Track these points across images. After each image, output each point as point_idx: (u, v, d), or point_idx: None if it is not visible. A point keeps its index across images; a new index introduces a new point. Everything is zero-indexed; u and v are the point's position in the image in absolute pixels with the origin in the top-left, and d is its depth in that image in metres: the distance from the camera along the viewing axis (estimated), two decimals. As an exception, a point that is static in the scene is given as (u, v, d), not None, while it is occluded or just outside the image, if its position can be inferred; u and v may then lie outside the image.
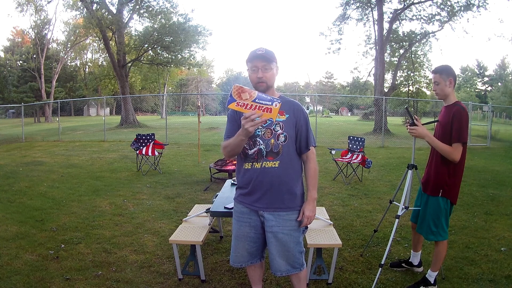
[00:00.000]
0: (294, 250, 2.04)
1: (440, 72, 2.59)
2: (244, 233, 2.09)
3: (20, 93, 37.37)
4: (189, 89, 54.66)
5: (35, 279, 2.82)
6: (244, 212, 2.07)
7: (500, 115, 33.97)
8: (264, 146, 1.97)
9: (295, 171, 2.04)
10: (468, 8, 17.35)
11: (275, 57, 2.01)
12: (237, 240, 2.12)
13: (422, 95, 25.39)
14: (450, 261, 3.16)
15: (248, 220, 2.06)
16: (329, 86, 68.92)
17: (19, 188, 5.89)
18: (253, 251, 2.12)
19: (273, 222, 2.00)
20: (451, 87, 2.58)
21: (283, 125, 1.98)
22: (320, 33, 22.84)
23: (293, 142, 2.01)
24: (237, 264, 2.15)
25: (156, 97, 46.80)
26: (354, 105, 47.56)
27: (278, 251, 2.03)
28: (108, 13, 21.30)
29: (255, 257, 2.15)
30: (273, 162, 1.97)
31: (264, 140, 1.97)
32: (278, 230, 2.00)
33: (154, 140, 7.75)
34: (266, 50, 1.97)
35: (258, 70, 1.95)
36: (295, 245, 2.04)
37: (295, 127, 2.01)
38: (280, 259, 2.04)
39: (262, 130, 1.98)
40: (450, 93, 2.60)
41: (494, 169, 8.05)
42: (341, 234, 3.74)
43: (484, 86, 61.26)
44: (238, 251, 2.12)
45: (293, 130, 2.00)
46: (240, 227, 2.09)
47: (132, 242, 3.59)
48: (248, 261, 2.14)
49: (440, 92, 2.61)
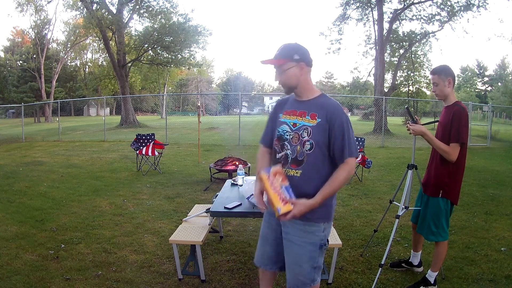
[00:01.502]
0: (306, 265, 1.83)
1: (439, 73, 2.57)
2: (264, 234, 2.02)
3: (20, 93, 37.36)
4: (189, 89, 54.63)
5: (35, 279, 2.82)
6: (270, 213, 1.95)
7: (500, 115, 33.97)
8: (291, 152, 1.80)
9: (321, 182, 1.77)
10: (468, 8, 17.36)
11: (289, 54, 1.77)
12: (260, 240, 2.06)
13: (422, 95, 25.43)
14: (450, 261, 3.16)
15: (268, 221, 1.99)
16: (329, 86, 68.92)
17: (19, 188, 5.89)
18: (272, 256, 1.98)
19: (289, 229, 1.85)
20: (451, 87, 2.57)
21: (311, 131, 1.76)
22: (320, 33, 22.85)
23: (322, 151, 1.76)
24: (257, 264, 2.07)
25: (156, 97, 46.76)
26: (354, 105, 47.49)
27: (290, 262, 1.87)
28: (108, 13, 21.30)
29: (274, 264, 1.99)
30: (295, 170, 1.79)
31: (291, 146, 1.80)
32: (292, 239, 1.84)
33: (154, 140, 7.74)
34: (281, 49, 1.79)
35: (276, 73, 1.83)
36: (308, 259, 1.83)
37: (327, 134, 1.75)
38: (291, 271, 1.88)
39: (291, 134, 1.81)
40: (450, 93, 2.59)
41: (494, 169, 8.05)
42: (341, 234, 3.74)
43: (484, 86, 61.25)
44: (260, 251, 2.05)
45: (324, 137, 1.75)
46: (264, 228, 2.02)
47: (132, 242, 3.59)
48: (267, 265, 2.02)
49: (440, 93, 2.60)
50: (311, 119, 1.77)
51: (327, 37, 21.61)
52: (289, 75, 1.79)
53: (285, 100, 1.95)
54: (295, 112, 1.84)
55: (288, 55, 1.77)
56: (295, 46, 1.80)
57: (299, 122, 1.81)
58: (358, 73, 24.65)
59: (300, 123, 1.80)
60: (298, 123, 1.81)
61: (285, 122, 1.86)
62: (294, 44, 1.81)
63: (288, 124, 1.85)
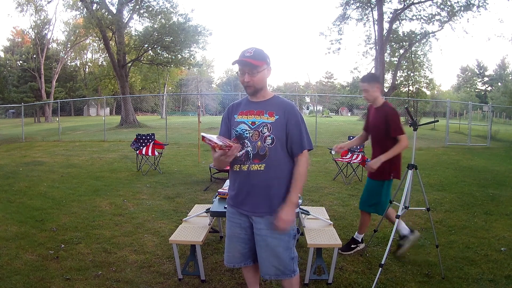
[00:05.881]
0: (284, 256, 1.96)
1: (368, 81, 3.08)
2: (235, 234, 2.05)
3: (20, 93, 37.38)
4: (189, 89, 54.66)
5: (35, 279, 2.82)
6: (235, 213, 2.04)
7: (500, 115, 33.98)
8: (251, 148, 1.91)
9: (284, 175, 1.95)
10: (468, 8, 17.38)
11: (265, 57, 1.91)
12: (229, 240, 2.09)
13: (422, 95, 25.48)
14: (450, 261, 3.16)
15: (238, 221, 2.03)
16: (329, 86, 68.96)
17: (19, 188, 5.89)
18: (245, 252, 2.07)
19: (262, 225, 1.95)
20: (378, 92, 3.09)
21: (270, 127, 1.91)
22: (320, 33, 22.92)
23: (282, 145, 1.92)
24: (230, 265, 2.12)
25: (156, 97, 46.79)
26: (354, 105, 47.49)
27: (267, 255, 1.96)
28: (108, 13, 21.31)
29: (248, 258, 2.09)
30: (259, 165, 1.90)
31: (252, 142, 1.91)
32: (267, 233, 1.94)
33: (154, 140, 7.75)
34: (255, 52, 1.89)
35: (245, 73, 1.89)
36: (284, 250, 1.96)
37: (285, 129, 1.92)
38: (270, 263, 1.97)
39: (250, 132, 1.93)
40: (378, 96, 3.10)
41: (494, 169, 8.05)
42: (341, 234, 3.73)
43: (484, 86, 61.31)
44: (230, 251, 2.09)
45: (282, 132, 1.91)
46: (231, 227, 2.06)
47: (132, 242, 3.59)
48: (241, 262, 2.09)
49: (370, 97, 3.11)
50: (270, 117, 1.93)
51: (327, 37, 21.71)
52: (262, 77, 1.93)
53: (237, 103, 2.08)
54: (252, 112, 1.97)
55: (263, 58, 1.91)
56: (264, 51, 1.94)
57: (258, 120, 1.94)
58: (358, 73, 24.58)
59: (259, 121, 1.93)
60: (256, 121, 1.94)
61: (242, 122, 1.97)
62: (262, 49, 1.94)
63: (246, 123, 1.96)
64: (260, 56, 1.89)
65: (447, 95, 53.21)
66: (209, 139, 1.79)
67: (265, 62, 1.91)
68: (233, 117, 2.02)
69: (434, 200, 5.25)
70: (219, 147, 1.76)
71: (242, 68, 1.91)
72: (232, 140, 1.95)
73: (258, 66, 1.88)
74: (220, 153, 1.79)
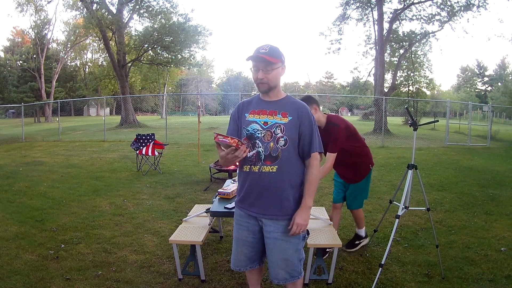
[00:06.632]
0: (293, 258, 1.95)
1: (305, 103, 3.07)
2: (242, 237, 2.02)
3: (20, 93, 37.36)
4: (189, 89, 54.63)
5: (35, 279, 2.82)
6: (243, 216, 2.00)
7: (500, 115, 33.98)
8: (263, 149, 1.86)
9: (296, 177, 1.91)
10: (468, 8, 17.36)
11: (280, 55, 1.87)
12: (236, 244, 2.07)
13: (422, 95, 25.44)
14: (450, 261, 3.16)
15: (246, 224, 1.99)
16: (329, 86, 68.94)
17: (19, 188, 5.89)
18: (251, 256, 2.04)
19: (272, 227, 1.92)
20: (318, 112, 2.95)
21: (284, 128, 1.86)
22: (320, 33, 22.82)
23: (295, 147, 1.89)
24: (237, 268, 2.10)
25: (156, 97, 46.79)
26: (354, 105, 47.52)
27: (277, 258, 1.94)
28: (108, 13, 21.30)
29: (254, 261, 2.07)
30: (270, 166, 1.86)
31: (263, 143, 1.87)
32: (277, 236, 1.92)
33: (154, 140, 7.75)
34: (271, 48, 1.84)
35: (259, 70, 1.85)
36: (294, 252, 1.95)
37: (298, 130, 1.88)
38: (278, 267, 1.95)
39: (262, 132, 1.88)
40: (319, 117, 2.96)
41: (494, 169, 8.05)
42: (341, 234, 3.74)
43: (484, 86, 61.30)
44: (237, 255, 2.07)
45: (295, 134, 1.88)
46: (239, 230, 2.03)
47: (132, 242, 3.59)
48: (247, 265, 2.07)
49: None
50: (283, 117, 1.88)
51: (327, 37, 21.59)
52: (276, 75, 1.88)
53: (248, 101, 2.02)
54: (265, 112, 1.92)
55: (279, 55, 1.87)
56: (279, 49, 1.90)
57: (271, 120, 1.89)
58: (358, 73, 24.50)
59: (271, 121, 1.89)
60: (269, 121, 1.89)
61: (254, 121, 1.92)
62: (278, 47, 1.89)
63: (258, 122, 1.91)
64: (275, 53, 1.85)
65: (447, 95, 53.19)
66: (223, 137, 1.75)
67: (280, 60, 1.88)
68: (243, 115, 1.96)
69: (434, 200, 5.25)
70: (236, 144, 1.72)
71: (256, 64, 1.86)
72: (243, 139, 1.90)
73: (273, 63, 1.84)
74: (227, 151, 1.75)
